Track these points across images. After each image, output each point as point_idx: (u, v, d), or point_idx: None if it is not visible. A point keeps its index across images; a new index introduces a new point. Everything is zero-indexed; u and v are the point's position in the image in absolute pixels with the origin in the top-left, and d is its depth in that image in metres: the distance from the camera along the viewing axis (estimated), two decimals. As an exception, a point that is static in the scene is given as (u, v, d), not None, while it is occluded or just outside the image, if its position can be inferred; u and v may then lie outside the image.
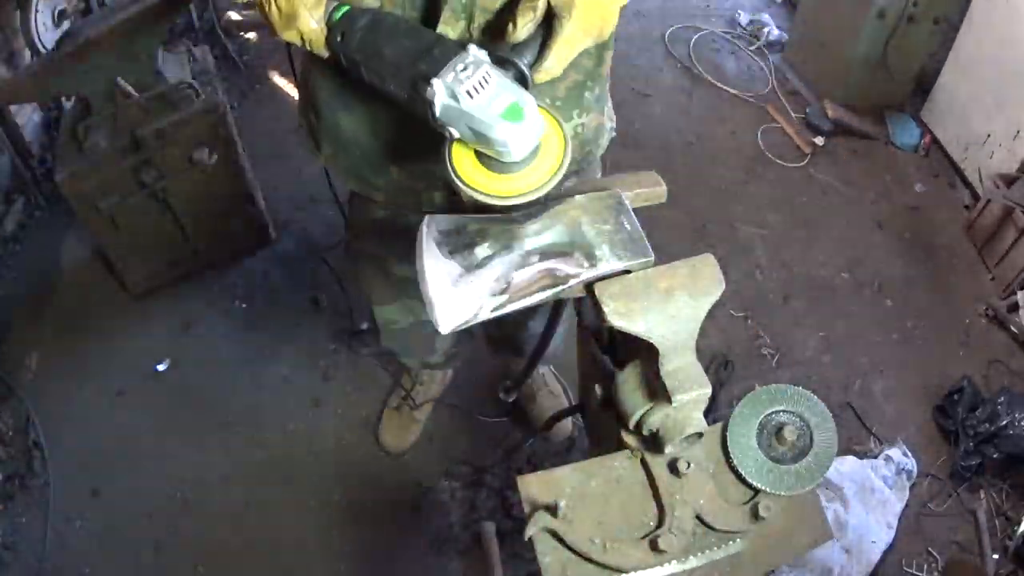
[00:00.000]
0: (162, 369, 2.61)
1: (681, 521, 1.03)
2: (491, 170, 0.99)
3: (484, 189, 0.99)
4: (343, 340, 2.70)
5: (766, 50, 3.95)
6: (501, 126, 0.93)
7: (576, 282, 1.01)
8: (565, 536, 1.01)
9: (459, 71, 0.94)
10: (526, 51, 1.04)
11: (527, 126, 0.95)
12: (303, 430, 2.50)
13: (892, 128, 3.56)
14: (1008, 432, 2.41)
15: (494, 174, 0.99)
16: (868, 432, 2.60)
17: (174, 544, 2.27)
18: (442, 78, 0.95)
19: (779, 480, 1.05)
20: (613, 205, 1.07)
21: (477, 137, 0.96)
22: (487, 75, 0.94)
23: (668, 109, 3.62)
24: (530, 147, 0.97)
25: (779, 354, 2.76)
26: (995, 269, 3.02)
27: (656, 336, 0.97)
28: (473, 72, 0.94)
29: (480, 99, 0.93)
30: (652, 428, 1.02)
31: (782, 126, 3.58)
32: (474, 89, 0.93)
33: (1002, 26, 3.00)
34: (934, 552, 2.36)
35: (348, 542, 2.28)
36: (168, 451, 2.43)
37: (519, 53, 1.03)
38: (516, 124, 0.94)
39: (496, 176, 0.99)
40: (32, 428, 2.46)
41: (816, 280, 3.02)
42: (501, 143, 0.95)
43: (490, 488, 2.37)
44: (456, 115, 0.95)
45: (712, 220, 3.16)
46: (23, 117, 3.00)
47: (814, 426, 1.08)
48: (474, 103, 0.93)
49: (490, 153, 0.97)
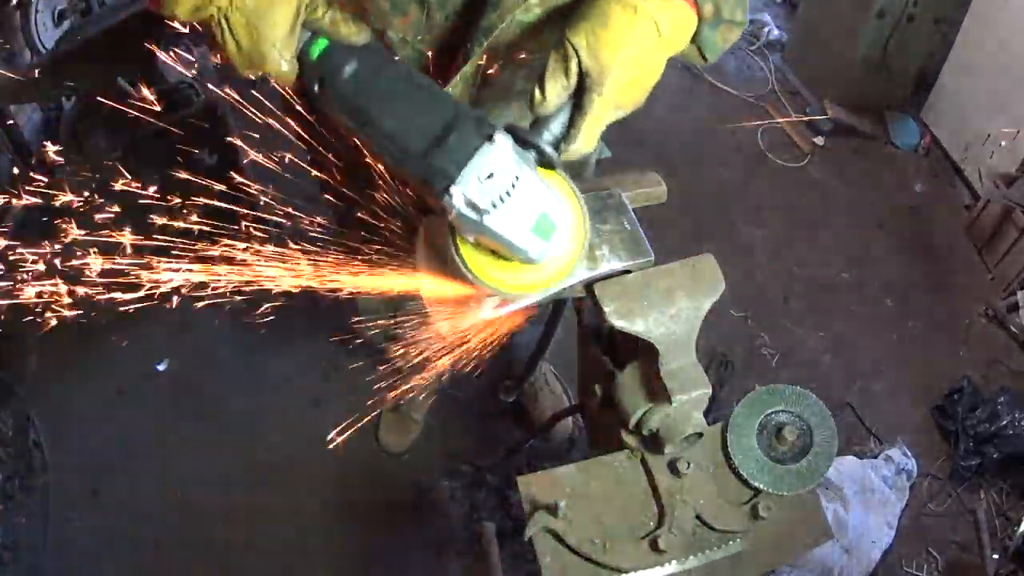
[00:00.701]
0: (162, 369, 2.61)
1: (681, 521, 1.03)
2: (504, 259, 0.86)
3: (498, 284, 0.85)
4: (343, 340, 2.69)
5: (766, 50, 3.94)
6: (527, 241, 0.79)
7: (576, 282, 1.01)
8: (565, 536, 1.01)
9: (483, 177, 0.77)
10: (553, 123, 0.87)
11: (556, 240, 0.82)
12: (303, 430, 2.50)
13: (892, 128, 3.56)
14: (1008, 432, 2.41)
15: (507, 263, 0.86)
16: (868, 432, 2.60)
17: (174, 544, 2.27)
18: (462, 185, 0.77)
19: (779, 480, 1.05)
20: (613, 205, 1.07)
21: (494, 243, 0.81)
22: (515, 181, 0.77)
23: (668, 109, 3.62)
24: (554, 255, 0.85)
25: (779, 354, 2.76)
26: (995, 269, 3.02)
27: (656, 336, 0.97)
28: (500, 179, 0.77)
29: (506, 210, 0.77)
30: (652, 428, 1.02)
31: (782, 126, 3.58)
32: (500, 200, 0.77)
33: (1002, 26, 3.00)
34: (934, 552, 2.36)
35: (348, 542, 2.28)
36: (168, 451, 2.43)
37: (544, 126, 0.87)
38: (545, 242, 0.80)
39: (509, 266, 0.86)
40: (32, 428, 2.46)
41: (816, 280, 3.02)
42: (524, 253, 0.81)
43: (490, 488, 2.37)
44: (476, 226, 0.79)
45: (712, 220, 3.16)
46: (23, 117, 3.00)
47: (814, 426, 1.08)
48: (499, 216, 0.77)
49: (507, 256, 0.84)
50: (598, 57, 0.82)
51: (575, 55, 0.83)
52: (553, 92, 0.84)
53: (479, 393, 2.56)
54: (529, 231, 0.78)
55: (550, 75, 0.84)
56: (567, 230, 0.84)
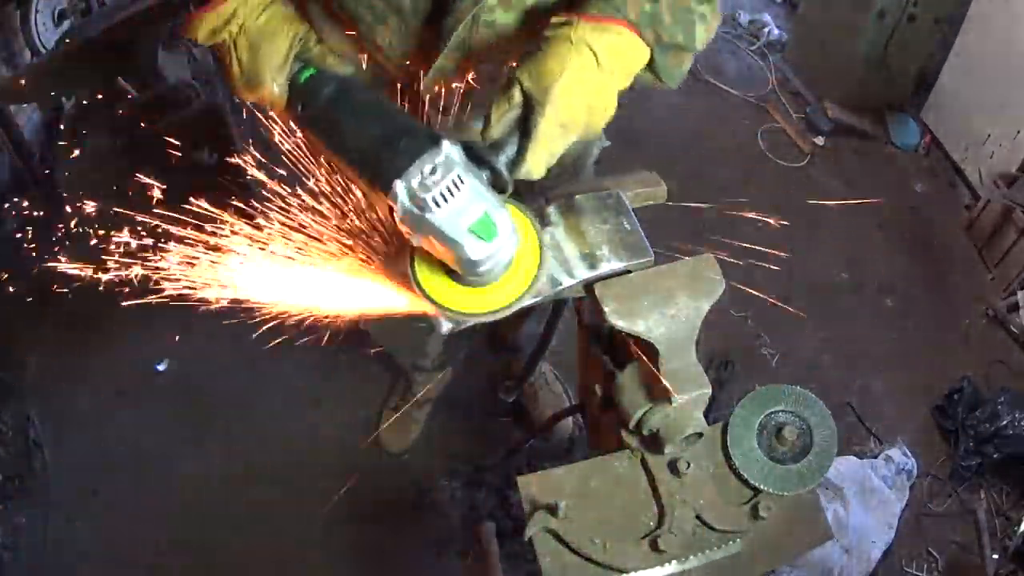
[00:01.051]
0: (162, 369, 2.61)
1: (681, 521, 1.03)
2: (458, 282, 0.90)
3: (450, 304, 0.89)
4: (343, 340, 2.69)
5: (766, 50, 3.94)
6: (469, 243, 0.82)
7: (576, 282, 1.01)
8: (565, 536, 1.01)
9: (426, 173, 0.81)
10: (506, 146, 0.93)
11: (498, 244, 0.83)
12: (303, 430, 2.50)
13: (892, 128, 3.56)
14: (1008, 432, 2.41)
15: (462, 287, 0.90)
16: (868, 432, 2.60)
17: (174, 544, 2.27)
18: (406, 180, 0.81)
19: (779, 480, 1.05)
20: (613, 205, 1.07)
21: (442, 249, 0.84)
22: (458, 180, 0.81)
23: (668, 109, 3.62)
24: (500, 267, 0.88)
25: (779, 354, 2.76)
26: (995, 269, 3.02)
27: (656, 336, 0.98)
28: (443, 176, 0.81)
29: (448, 209, 0.81)
30: (652, 428, 1.02)
31: (782, 126, 3.58)
32: (442, 196, 0.80)
33: (1002, 26, 3.00)
34: (934, 552, 2.36)
35: (348, 542, 2.28)
36: (168, 451, 2.43)
37: (498, 149, 0.92)
38: (486, 243, 0.82)
39: (464, 289, 0.90)
40: (32, 428, 2.46)
41: (816, 280, 3.02)
42: (468, 262, 0.84)
43: (490, 488, 2.37)
44: (419, 224, 0.82)
45: (712, 220, 3.15)
46: (23, 117, 3.00)
47: (814, 426, 1.08)
48: (441, 213, 0.80)
49: (455, 268, 0.87)
50: (538, 82, 0.91)
51: (518, 84, 0.92)
52: (496, 118, 0.92)
53: (479, 393, 2.56)
54: (468, 230, 0.81)
55: (496, 104, 0.93)
56: (510, 241, 0.86)
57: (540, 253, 0.93)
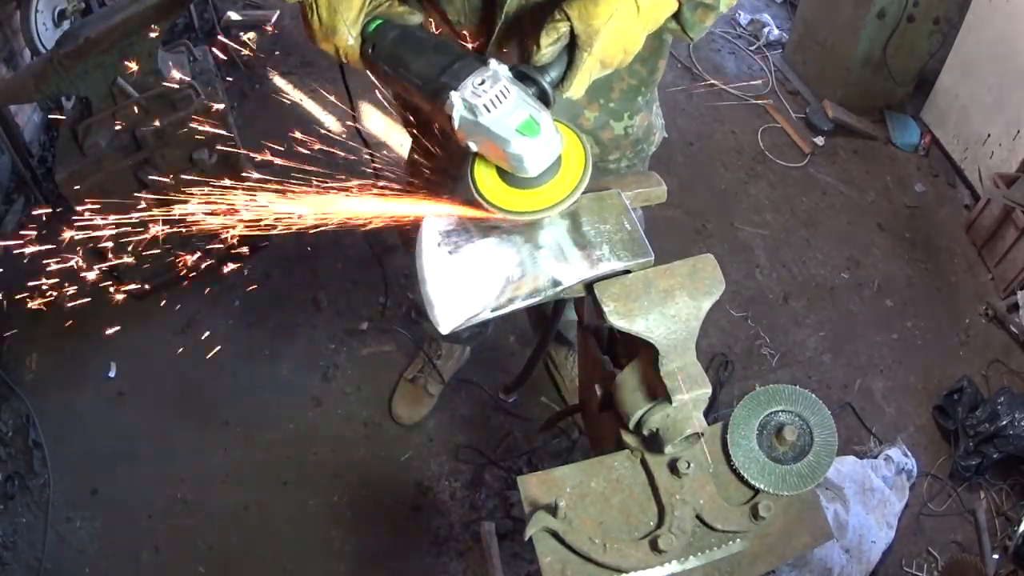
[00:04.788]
0: (161, 370, 2.61)
1: (681, 521, 1.03)
2: (511, 185, 1.00)
3: (504, 204, 1.00)
4: (343, 340, 2.70)
5: (766, 50, 3.95)
6: (517, 140, 0.94)
7: (576, 282, 1.01)
8: (565, 536, 1.01)
9: (477, 85, 0.95)
10: (551, 69, 1.04)
11: (543, 141, 0.95)
12: (303, 430, 2.50)
13: (892, 128, 3.56)
14: (1008, 432, 2.41)
15: (515, 189, 1.00)
16: (868, 432, 2.60)
17: (174, 544, 2.27)
18: (460, 91, 0.95)
19: (779, 480, 1.05)
20: (613, 205, 1.07)
21: (495, 151, 0.97)
22: (505, 89, 0.95)
23: (668, 109, 3.61)
24: (546, 163, 0.98)
25: (779, 354, 2.76)
26: (995, 269, 3.02)
27: (656, 336, 0.98)
28: (491, 86, 0.95)
29: (497, 113, 0.94)
30: (652, 428, 1.02)
31: (782, 126, 3.58)
32: (492, 103, 0.94)
33: (1002, 26, 3.00)
34: (934, 552, 2.36)
35: (348, 542, 2.28)
36: (168, 451, 2.43)
37: (543, 71, 1.03)
38: (532, 139, 0.94)
39: (516, 191, 1.00)
40: (32, 428, 2.46)
41: (816, 280, 3.02)
42: (517, 157, 0.95)
43: (490, 488, 2.37)
44: (474, 128, 0.96)
45: (712, 220, 3.16)
46: (23, 117, 3.00)
47: (814, 426, 1.08)
48: (491, 117, 0.94)
49: (508, 168, 0.98)
50: (588, 24, 1.02)
51: (567, 20, 1.02)
52: (545, 45, 1.02)
53: (480, 392, 2.56)
54: (515, 130, 0.94)
55: (545, 33, 1.02)
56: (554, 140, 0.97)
57: (584, 160, 1.01)
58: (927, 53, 3.40)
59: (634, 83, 1.52)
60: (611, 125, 1.58)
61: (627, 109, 1.56)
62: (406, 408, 2.50)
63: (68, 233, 1.61)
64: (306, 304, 2.80)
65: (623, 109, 1.56)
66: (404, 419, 2.49)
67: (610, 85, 1.50)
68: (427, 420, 2.51)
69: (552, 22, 1.03)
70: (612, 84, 1.50)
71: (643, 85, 1.54)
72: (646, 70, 1.51)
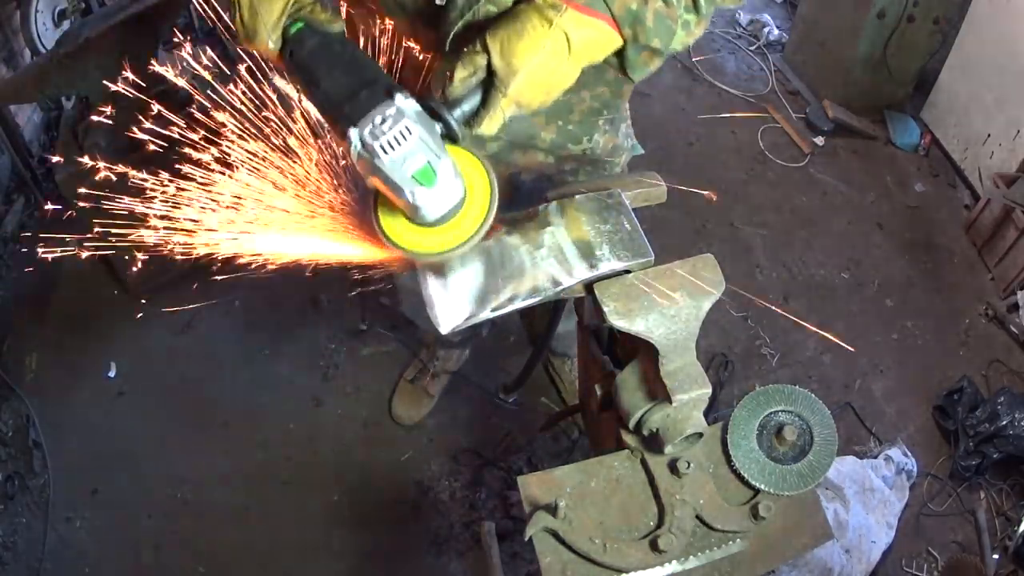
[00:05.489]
0: (161, 370, 2.61)
1: (681, 521, 1.03)
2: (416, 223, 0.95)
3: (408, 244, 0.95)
4: (343, 340, 2.70)
5: (766, 50, 3.94)
6: (412, 188, 0.89)
7: (576, 282, 1.01)
8: (565, 536, 1.01)
9: (378, 124, 0.89)
10: (464, 103, 0.97)
11: (438, 191, 0.90)
12: (303, 430, 2.50)
13: (892, 128, 3.56)
14: (1008, 432, 2.41)
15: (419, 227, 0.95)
16: (868, 432, 2.60)
17: (174, 544, 2.27)
18: (360, 128, 0.90)
19: (780, 480, 1.05)
20: (613, 205, 1.07)
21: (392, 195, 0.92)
22: (405, 131, 0.89)
23: (668, 109, 3.62)
24: (443, 210, 0.93)
25: (779, 354, 2.76)
26: (995, 269, 3.02)
27: (656, 336, 0.98)
28: (392, 126, 0.89)
29: (394, 155, 0.88)
30: (652, 428, 1.02)
31: (782, 126, 3.58)
32: (389, 145, 0.88)
33: (1002, 26, 3.00)
34: (934, 552, 2.36)
35: (348, 542, 2.28)
36: (168, 451, 2.43)
37: (453, 105, 0.97)
38: (427, 189, 0.89)
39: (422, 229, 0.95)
40: (32, 428, 2.46)
41: (816, 280, 3.02)
42: (412, 207, 0.91)
43: (490, 488, 2.37)
44: (371, 169, 0.91)
45: (712, 220, 3.16)
46: (23, 117, 3.00)
47: (814, 426, 1.08)
48: (387, 159, 0.88)
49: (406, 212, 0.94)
50: (508, 62, 0.94)
51: (485, 53, 0.94)
52: (459, 78, 0.95)
53: (479, 392, 2.56)
54: (411, 177, 0.89)
55: (461, 64, 0.95)
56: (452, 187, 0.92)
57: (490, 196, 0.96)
58: (927, 53, 3.40)
59: (596, 106, 1.42)
60: (568, 148, 1.48)
61: (587, 132, 1.46)
62: (406, 408, 2.50)
63: (68, 233, 1.61)
64: (306, 304, 2.80)
65: (582, 133, 1.46)
66: (404, 419, 2.49)
67: (570, 107, 1.41)
68: (427, 420, 2.51)
69: (470, 53, 0.96)
70: (572, 106, 1.41)
71: (606, 108, 1.44)
72: (610, 92, 1.42)
